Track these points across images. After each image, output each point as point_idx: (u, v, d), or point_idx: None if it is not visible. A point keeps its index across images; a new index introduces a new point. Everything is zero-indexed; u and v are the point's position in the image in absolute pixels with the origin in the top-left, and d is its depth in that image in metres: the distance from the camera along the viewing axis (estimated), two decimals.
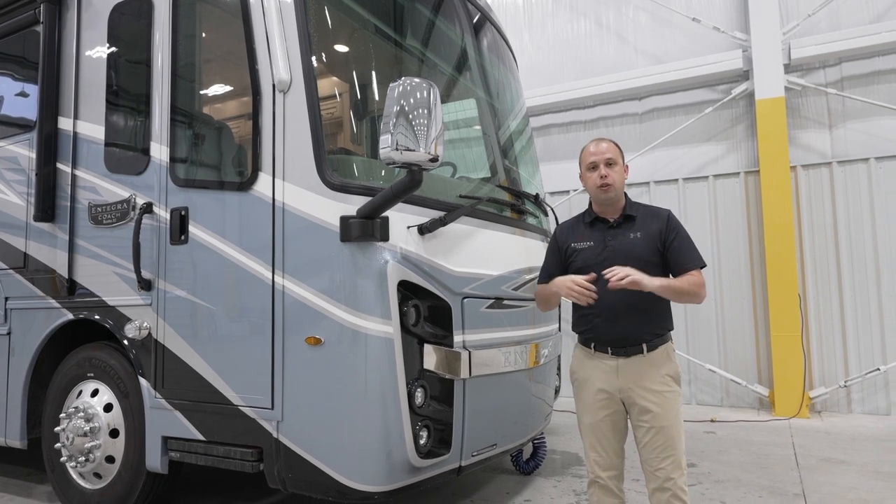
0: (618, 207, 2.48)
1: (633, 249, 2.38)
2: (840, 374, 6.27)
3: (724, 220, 6.90)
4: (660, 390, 2.34)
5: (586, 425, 2.49)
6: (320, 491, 2.64)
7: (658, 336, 2.39)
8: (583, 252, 2.48)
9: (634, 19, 7.59)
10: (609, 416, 2.43)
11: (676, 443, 2.32)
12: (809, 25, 6.58)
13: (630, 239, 2.41)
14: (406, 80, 2.30)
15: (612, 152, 2.48)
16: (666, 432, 2.31)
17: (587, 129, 7.80)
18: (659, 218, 2.43)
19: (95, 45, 3.53)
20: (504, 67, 4.26)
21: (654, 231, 2.40)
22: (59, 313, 3.49)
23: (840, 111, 6.51)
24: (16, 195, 3.75)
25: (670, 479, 2.29)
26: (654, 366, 2.36)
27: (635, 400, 2.36)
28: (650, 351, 2.37)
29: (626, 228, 2.44)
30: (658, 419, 2.31)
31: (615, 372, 2.39)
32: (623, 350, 2.38)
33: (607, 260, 2.38)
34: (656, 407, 2.32)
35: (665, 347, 2.40)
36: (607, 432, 2.44)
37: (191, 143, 3.17)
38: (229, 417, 2.84)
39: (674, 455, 2.31)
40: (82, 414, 3.29)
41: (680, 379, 2.40)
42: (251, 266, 2.82)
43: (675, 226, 2.41)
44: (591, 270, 2.38)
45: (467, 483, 3.95)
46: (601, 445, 2.45)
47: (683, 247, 2.38)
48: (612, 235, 2.44)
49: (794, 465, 4.35)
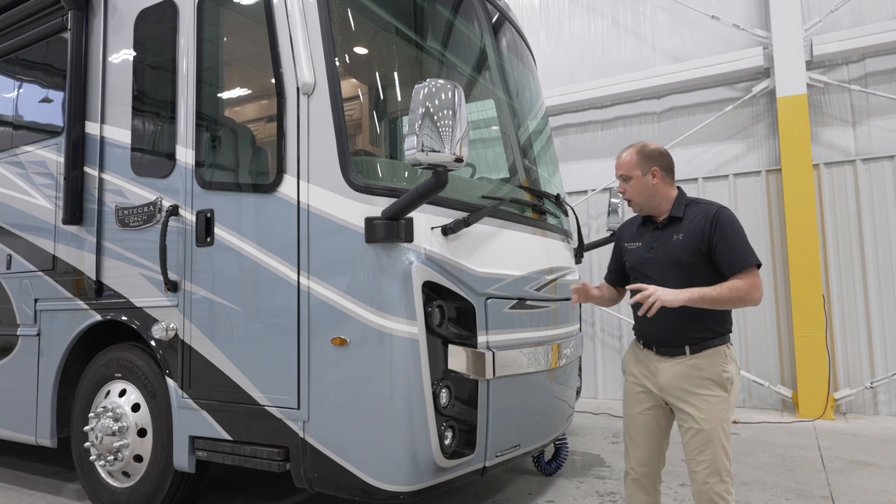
0: (662, 209, 2.45)
1: (673, 252, 2.36)
2: (866, 375, 6.17)
3: (745, 218, 6.80)
4: (700, 393, 2.30)
5: (626, 417, 2.54)
6: (346, 491, 2.65)
7: (703, 339, 2.32)
8: (632, 252, 2.52)
9: (652, 18, 7.54)
10: (646, 411, 2.45)
11: (714, 448, 2.25)
12: (831, 21, 6.49)
13: (672, 241, 2.38)
14: (431, 81, 2.30)
15: (626, 167, 2.46)
16: (703, 436, 2.27)
17: (605, 128, 7.76)
18: (706, 217, 2.34)
19: (121, 51, 3.59)
20: (523, 67, 4.26)
21: (697, 232, 2.33)
22: (87, 314, 3.55)
23: (864, 108, 6.41)
24: (44, 199, 3.82)
25: (706, 484, 2.26)
26: (696, 368, 2.32)
27: (674, 401, 2.37)
28: (694, 353, 2.32)
29: (671, 230, 2.40)
30: (695, 422, 2.29)
31: (658, 371, 2.40)
32: (667, 350, 2.38)
33: (650, 261, 2.41)
34: (694, 410, 2.29)
35: (714, 351, 2.32)
36: (642, 428, 2.46)
37: (215, 146, 3.21)
38: (256, 417, 2.87)
39: (710, 460, 2.25)
40: (110, 413, 3.34)
41: (727, 384, 2.30)
42: (276, 267, 2.85)
43: (722, 225, 2.30)
44: (638, 270, 2.46)
45: (490, 484, 3.95)
46: (634, 440, 2.49)
47: (729, 247, 2.27)
48: (657, 237, 2.44)
49: (821, 468, 4.29)
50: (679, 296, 2.20)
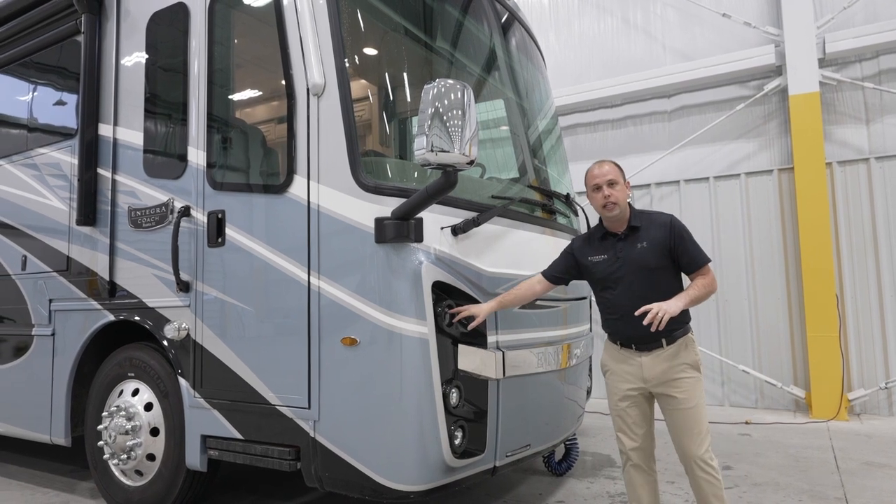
0: (623, 221, 2.73)
1: (642, 258, 2.65)
2: (880, 376, 6.10)
3: (757, 218, 6.77)
4: (681, 377, 2.62)
5: (614, 410, 2.80)
6: (356, 490, 2.66)
7: (674, 331, 2.63)
8: (599, 264, 2.77)
9: (662, 16, 7.50)
10: (633, 401, 2.73)
11: (699, 421, 2.60)
12: (845, 18, 6.42)
13: (638, 249, 2.67)
14: (440, 81, 2.31)
15: (614, 174, 2.71)
16: (689, 413, 2.60)
17: (615, 127, 7.73)
18: (662, 226, 2.67)
19: (134, 54, 3.62)
20: (533, 67, 4.26)
21: (658, 240, 2.65)
22: (101, 314, 3.59)
23: (878, 106, 6.34)
24: (59, 200, 3.87)
25: (696, 454, 2.58)
26: (674, 357, 2.64)
27: (660, 390, 2.65)
28: (669, 344, 2.64)
29: (634, 239, 2.69)
30: (681, 403, 2.61)
31: (640, 366, 2.68)
32: (645, 346, 2.67)
33: (621, 269, 2.69)
34: (679, 393, 2.61)
35: (684, 339, 2.67)
36: (634, 415, 2.74)
37: (226, 147, 3.23)
38: (267, 417, 2.88)
39: (696, 432, 2.59)
40: (124, 413, 3.37)
41: (699, 365, 2.68)
42: (287, 267, 2.86)
43: (677, 232, 2.64)
44: (609, 280, 2.72)
45: (500, 484, 3.95)
46: (628, 427, 2.75)
47: (688, 250, 2.64)
48: (622, 247, 2.71)
49: (835, 469, 4.25)
50: (678, 304, 2.52)
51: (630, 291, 2.64)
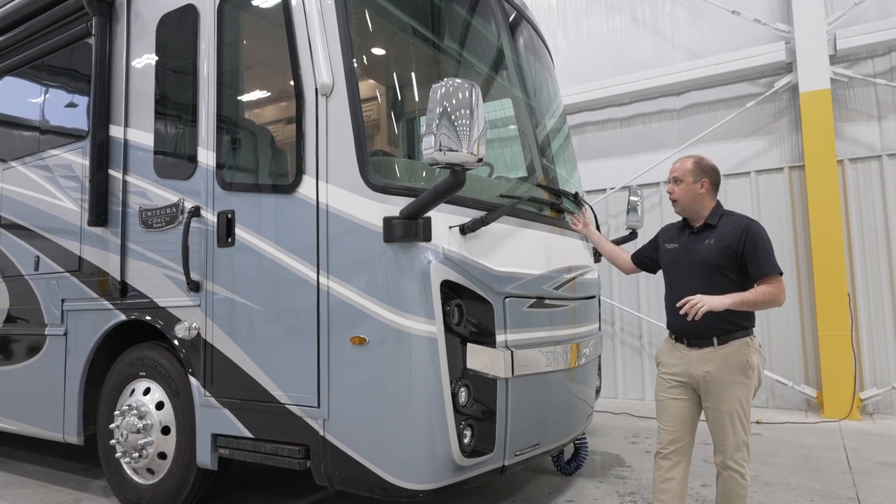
0: (700, 216, 2.78)
1: (704, 255, 2.69)
2: (893, 375, 6.03)
3: (768, 215, 6.72)
4: (726, 380, 2.59)
5: (658, 401, 2.82)
6: (366, 488, 2.67)
7: (729, 331, 2.62)
8: (669, 252, 2.87)
9: (671, 14, 7.46)
10: (678, 396, 2.74)
11: (735, 425, 2.58)
12: (856, 14, 6.35)
13: (704, 245, 2.70)
14: (448, 80, 2.31)
15: (680, 172, 2.81)
16: (724, 417, 2.59)
17: (623, 126, 7.69)
18: (736, 228, 2.67)
19: (144, 55, 3.65)
20: (541, 65, 4.25)
21: (727, 240, 2.66)
22: (112, 314, 3.62)
23: (890, 102, 6.28)
24: (70, 201, 3.91)
25: (729, 457, 2.60)
26: (724, 357, 2.61)
27: (703, 387, 2.66)
28: (721, 344, 2.62)
29: (705, 235, 2.74)
30: (718, 403, 2.60)
31: (688, 361, 2.70)
32: (696, 342, 2.68)
33: (682, 261, 2.76)
34: (721, 393, 2.60)
35: (738, 342, 2.62)
36: (673, 410, 2.74)
37: (236, 147, 3.25)
38: (277, 416, 2.90)
39: (733, 435, 2.58)
40: (135, 411, 3.40)
41: (750, 371, 2.60)
42: (296, 267, 2.87)
43: (750, 236, 2.63)
44: (671, 269, 2.84)
45: (509, 483, 3.95)
46: (665, 420, 2.77)
47: (757, 256, 2.62)
48: (691, 241, 2.78)
49: (847, 469, 4.21)
50: (723, 301, 2.52)
51: (688, 285, 2.67)
